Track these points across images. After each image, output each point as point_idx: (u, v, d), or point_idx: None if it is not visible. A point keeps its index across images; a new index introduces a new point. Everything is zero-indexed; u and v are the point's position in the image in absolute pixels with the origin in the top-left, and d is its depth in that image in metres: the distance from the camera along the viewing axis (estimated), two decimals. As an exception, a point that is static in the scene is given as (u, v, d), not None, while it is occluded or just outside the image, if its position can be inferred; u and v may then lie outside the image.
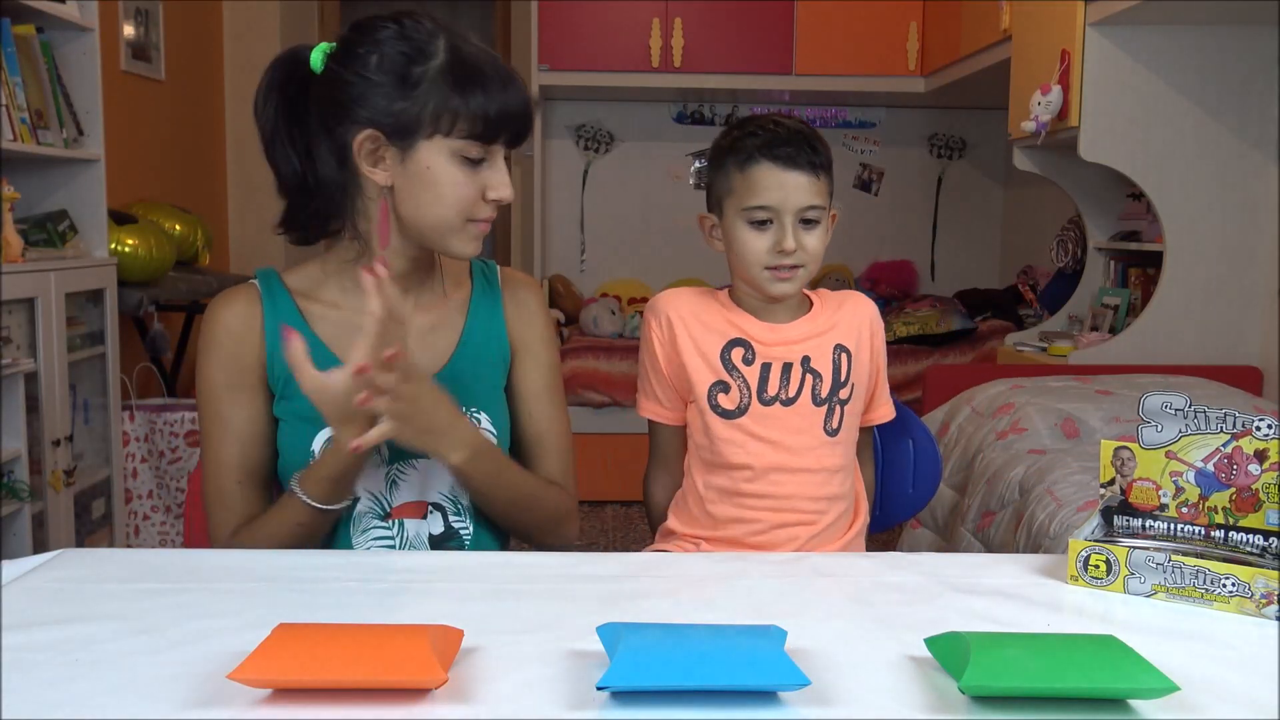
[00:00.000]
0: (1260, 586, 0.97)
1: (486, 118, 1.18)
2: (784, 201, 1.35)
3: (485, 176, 1.21)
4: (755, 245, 1.37)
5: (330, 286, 1.30)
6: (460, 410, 1.25)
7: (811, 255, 1.37)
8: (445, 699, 0.79)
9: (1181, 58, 2.94)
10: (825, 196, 1.37)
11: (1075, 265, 3.71)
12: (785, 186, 1.35)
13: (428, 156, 1.19)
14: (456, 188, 1.20)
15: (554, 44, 4.44)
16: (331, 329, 1.28)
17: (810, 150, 1.36)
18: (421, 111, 1.17)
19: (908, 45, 4.47)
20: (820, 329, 1.42)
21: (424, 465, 1.28)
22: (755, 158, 1.37)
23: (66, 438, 2.67)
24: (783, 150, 1.35)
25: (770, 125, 1.38)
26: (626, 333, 4.46)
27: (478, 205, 1.22)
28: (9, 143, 2.53)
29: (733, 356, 1.41)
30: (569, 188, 5.08)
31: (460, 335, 1.33)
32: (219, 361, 1.26)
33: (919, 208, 5.18)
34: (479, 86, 1.18)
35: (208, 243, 3.71)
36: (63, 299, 2.66)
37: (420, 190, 1.21)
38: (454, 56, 1.18)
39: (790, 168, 1.35)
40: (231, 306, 1.27)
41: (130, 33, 3.67)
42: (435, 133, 1.18)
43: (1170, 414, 1.06)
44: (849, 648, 0.90)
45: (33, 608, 0.96)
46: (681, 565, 1.17)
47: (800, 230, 1.36)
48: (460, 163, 1.19)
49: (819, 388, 1.40)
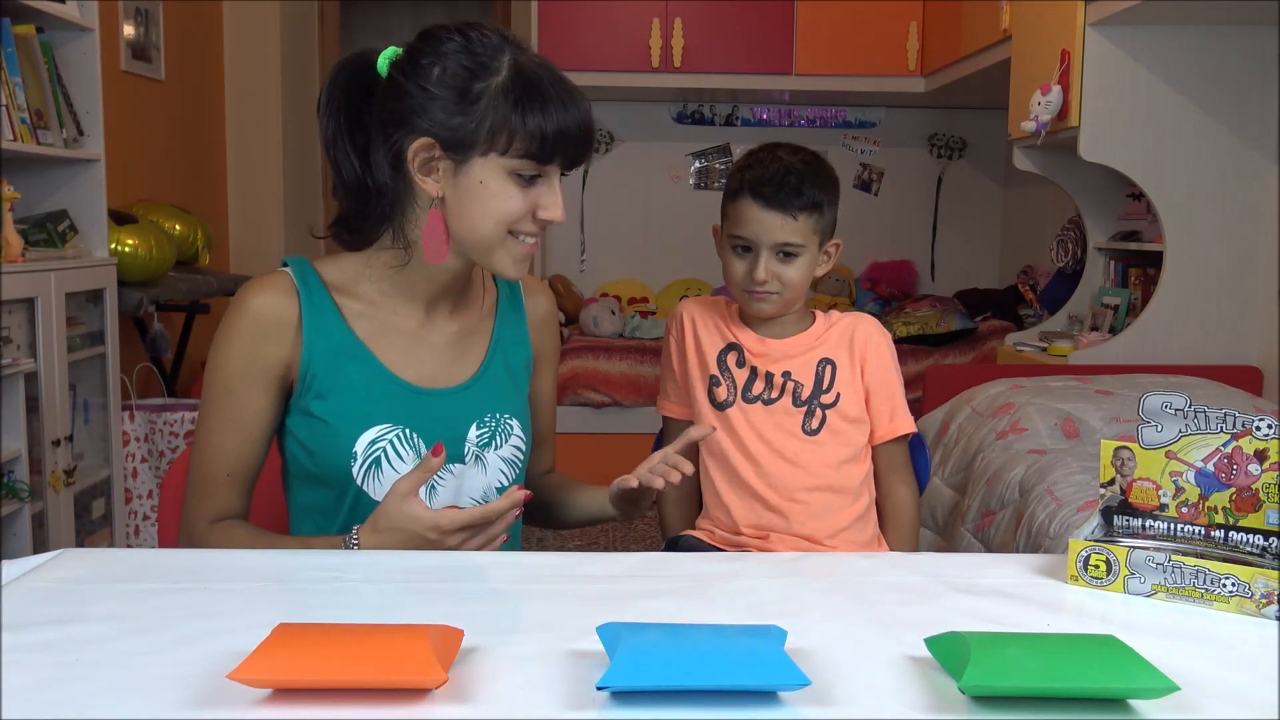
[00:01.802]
0: (1260, 586, 0.97)
1: (544, 138, 1.17)
2: (760, 235, 1.46)
3: (537, 195, 1.21)
4: (735, 269, 1.50)
5: (368, 286, 1.29)
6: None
7: (787, 284, 1.48)
8: (445, 699, 0.78)
9: (1181, 58, 2.93)
10: (807, 234, 1.46)
11: (1075, 265, 3.71)
12: (762, 223, 1.45)
13: (482, 172, 1.18)
14: (507, 203, 1.19)
15: (554, 44, 4.43)
16: (368, 327, 1.27)
17: (795, 193, 1.44)
18: (479, 128, 1.17)
19: (908, 45, 4.47)
20: (807, 347, 1.53)
21: (459, 470, 1.29)
22: (742, 192, 1.47)
23: (66, 438, 2.67)
24: (766, 190, 1.44)
25: (768, 161, 1.47)
26: (626, 333, 4.46)
27: (524, 222, 1.21)
28: (9, 143, 2.53)
29: (727, 359, 1.56)
30: (569, 188, 5.07)
31: (489, 342, 1.35)
32: (240, 350, 1.23)
33: (919, 208, 5.18)
34: (538, 106, 1.16)
35: (208, 243, 3.71)
36: (63, 299, 2.66)
37: (470, 204, 1.20)
38: (516, 74, 1.17)
39: (770, 207, 1.45)
40: (264, 296, 1.24)
41: (130, 33, 3.67)
42: (491, 150, 1.17)
43: (1170, 414, 1.06)
44: (849, 648, 0.89)
45: (33, 608, 0.96)
46: (681, 565, 1.17)
47: (776, 261, 1.46)
48: (514, 180, 1.19)
49: (800, 391, 1.52)
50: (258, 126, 4.49)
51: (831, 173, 1.51)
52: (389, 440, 1.25)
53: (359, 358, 1.26)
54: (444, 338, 1.32)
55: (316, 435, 1.25)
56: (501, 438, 1.32)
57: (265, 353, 1.24)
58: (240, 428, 1.25)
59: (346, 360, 1.25)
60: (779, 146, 1.51)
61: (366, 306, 1.28)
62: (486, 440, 1.31)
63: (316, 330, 1.24)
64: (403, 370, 1.27)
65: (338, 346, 1.25)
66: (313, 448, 1.26)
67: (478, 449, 1.30)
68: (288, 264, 1.28)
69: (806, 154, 1.49)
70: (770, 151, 1.50)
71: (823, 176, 1.48)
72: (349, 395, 1.25)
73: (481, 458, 1.31)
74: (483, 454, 1.31)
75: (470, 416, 1.30)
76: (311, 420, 1.25)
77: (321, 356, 1.25)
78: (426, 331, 1.30)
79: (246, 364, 1.24)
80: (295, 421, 1.27)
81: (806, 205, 1.45)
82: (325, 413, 1.24)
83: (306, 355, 1.24)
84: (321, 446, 1.25)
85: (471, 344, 1.33)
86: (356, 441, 1.24)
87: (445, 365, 1.31)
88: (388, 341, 1.28)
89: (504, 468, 1.33)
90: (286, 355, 1.24)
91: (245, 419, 1.25)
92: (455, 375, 1.31)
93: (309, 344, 1.24)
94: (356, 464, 1.24)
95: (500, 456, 1.32)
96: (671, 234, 5.04)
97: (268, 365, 1.24)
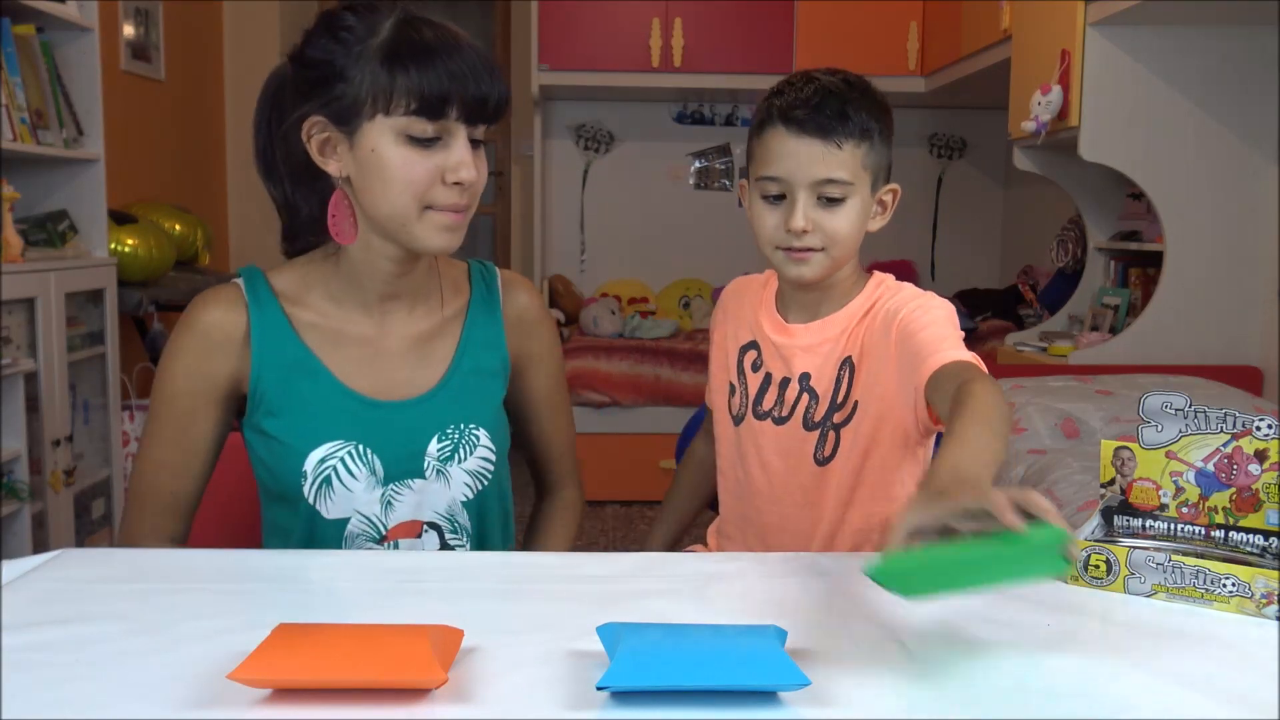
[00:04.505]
0: (1260, 586, 0.97)
1: (425, 89, 1.09)
2: (794, 173, 1.19)
3: (441, 158, 1.12)
4: (765, 221, 1.23)
5: (318, 293, 1.23)
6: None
7: (832, 237, 1.20)
8: (445, 699, 0.78)
9: (1181, 58, 2.93)
10: (855, 169, 1.19)
11: (1075, 265, 3.70)
12: (797, 155, 1.19)
13: (372, 139, 1.11)
14: (405, 169, 1.11)
15: (554, 44, 4.43)
16: (319, 337, 1.22)
17: (837, 116, 1.18)
18: (359, 91, 1.10)
19: (908, 45, 4.47)
20: (834, 333, 1.29)
21: (419, 485, 1.23)
22: (771, 120, 1.21)
23: (66, 438, 2.67)
24: (799, 113, 1.18)
25: (802, 84, 1.21)
26: (626, 333, 4.46)
27: (435, 190, 1.12)
28: (9, 143, 2.53)
29: (745, 360, 1.36)
30: (569, 188, 5.07)
31: (457, 346, 1.27)
32: (187, 367, 1.20)
33: (919, 208, 5.17)
34: (418, 57, 1.09)
35: (208, 243, 3.71)
36: (63, 299, 2.66)
37: (369, 177, 1.12)
38: (397, 34, 1.11)
39: (804, 134, 1.18)
40: (211, 311, 1.20)
41: (130, 33, 3.67)
42: (376, 112, 1.10)
43: (1170, 414, 1.06)
44: (849, 648, 0.89)
45: (33, 608, 0.96)
46: (681, 565, 1.17)
47: (817, 208, 1.20)
48: (408, 143, 1.11)
49: (813, 411, 1.31)
50: (258, 126, 4.49)
51: (882, 99, 1.24)
52: (340, 458, 1.19)
53: (310, 371, 1.20)
54: (402, 343, 1.25)
55: (272, 453, 1.20)
56: (466, 449, 1.24)
57: (212, 369, 1.20)
58: (184, 446, 1.21)
59: (298, 375, 1.20)
60: (815, 70, 1.24)
61: (318, 315, 1.22)
62: (449, 454, 1.24)
63: (266, 344, 1.20)
64: (356, 382, 1.21)
65: (289, 361, 1.20)
66: (269, 465, 1.21)
67: (439, 463, 1.23)
68: (241, 275, 1.23)
69: (850, 75, 1.23)
70: (804, 75, 1.23)
71: (872, 99, 1.22)
72: (300, 412, 1.20)
73: (444, 472, 1.24)
74: (445, 468, 1.24)
75: (430, 429, 1.23)
76: (265, 438, 1.21)
77: (271, 372, 1.20)
78: (382, 338, 1.24)
79: (193, 381, 1.20)
80: (251, 438, 1.22)
81: (854, 132, 1.18)
82: (277, 430, 1.20)
83: (256, 371, 1.20)
84: (277, 464, 1.20)
85: (434, 349, 1.26)
86: (306, 460, 1.19)
87: (404, 374, 1.24)
88: (341, 352, 1.22)
89: (469, 480, 1.25)
90: (234, 370, 1.20)
91: (190, 437, 1.21)
92: (416, 384, 1.24)
93: (258, 359, 1.20)
94: (307, 483, 1.19)
95: (465, 469, 1.25)
96: (671, 234, 5.04)
97: (215, 383, 1.20)
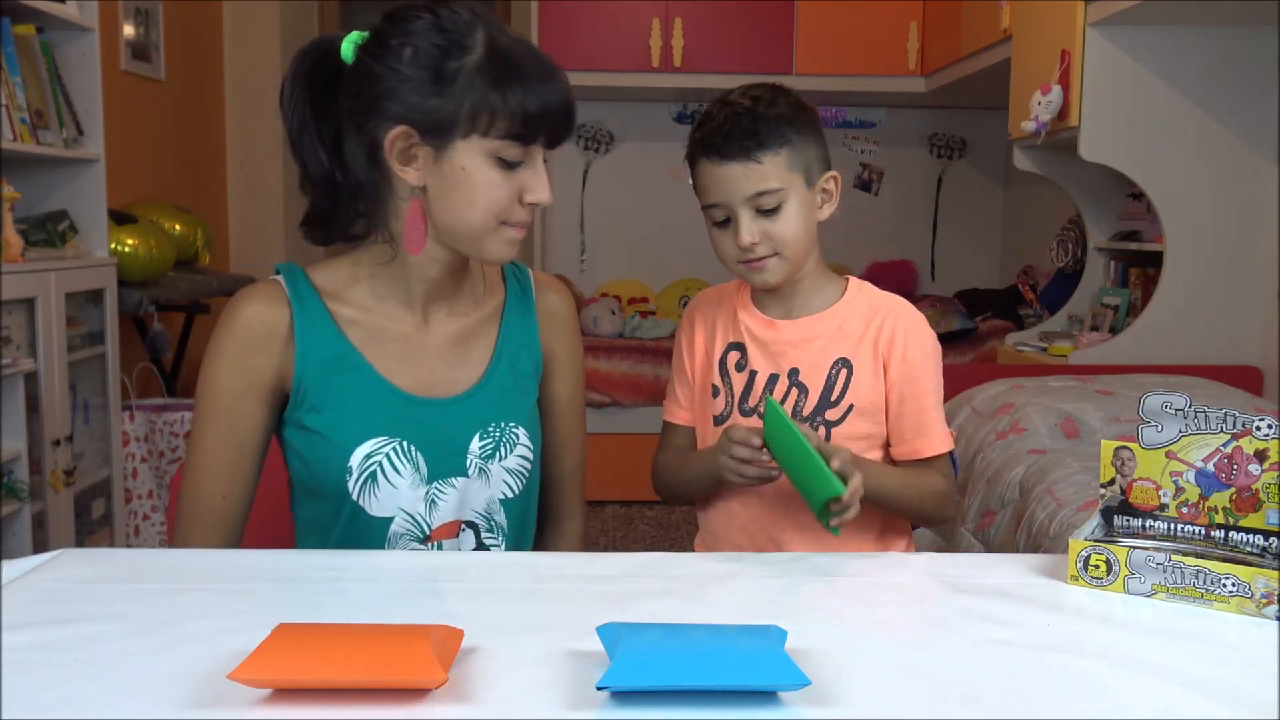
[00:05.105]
0: (1260, 586, 0.97)
1: (525, 116, 1.12)
2: (728, 196, 1.28)
3: (522, 178, 1.15)
4: (721, 244, 1.32)
5: (361, 289, 1.24)
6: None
7: (780, 241, 1.29)
8: (445, 699, 0.78)
9: (1181, 58, 2.93)
10: (781, 175, 1.27)
11: (1075, 265, 3.71)
12: (725, 181, 1.27)
13: (464, 157, 1.13)
14: (492, 190, 1.14)
15: (554, 44, 4.43)
16: (362, 333, 1.22)
17: (749, 134, 1.26)
18: (458, 109, 1.11)
19: (908, 45, 4.47)
20: (828, 330, 1.34)
21: (462, 484, 1.24)
22: (696, 155, 1.31)
23: (66, 438, 2.67)
24: (716, 140, 1.27)
25: (717, 112, 1.30)
26: (626, 333, 4.46)
27: (513, 208, 1.16)
28: (9, 143, 2.53)
29: (728, 361, 1.39)
30: (569, 188, 5.07)
31: (495, 345, 1.28)
32: (232, 365, 1.19)
33: (919, 208, 5.18)
34: (518, 83, 1.11)
35: (208, 243, 3.71)
36: (63, 299, 2.66)
37: (454, 192, 1.15)
38: (492, 50, 1.12)
39: (726, 159, 1.27)
40: (253, 306, 1.20)
41: (130, 33, 3.67)
42: (472, 132, 1.12)
43: (1170, 414, 1.06)
44: (849, 648, 0.89)
45: (33, 608, 0.96)
46: (681, 565, 1.17)
47: (759, 219, 1.28)
48: (497, 164, 1.14)
49: (802, 405, 1.33)
50: (258, 126, 4.49)
51: (795, 100, 1.31)
52: (385, 454, 1.20)
53: (353, 367, 1.21)
54: (443, 341, 1.26)
55: (313, 448, 1.20)
56: (506, 448, 1.26)
57: (257, 365, 1.19)
58: (233, 445, 1.20)
59: (340, 370, 1.21)
60: (730, 92, 1.31)
61: (360, 312, 1.23)
62: (490, 451, 1.25)
63: (309, 340, 1.20)
64: (399, 379, 1.22)
65: (331, 356, 1.20)
66: (309, 460, 1.21)
67: (481, 461, 1.24)
68: (280, 271, 1.23)
69: (760, 88, 1.30)
70: (720, 102, 1.31)
71: (781, 106, 1.28)
72: (343, 407, 1.20)
73: (485, 470, 1.25)
74: (486, 466, 1.25)
75: (473, 427, 1.24)
76: (307, 434, 1.21)
77: (314, 368, 1.20)
78: (424, 335, 1.25)
79: (238, 378, 1.19)
80: (292, 434, 1.22)
81: (768, 144, 1.26)
82: (320, 426, 1.20)
83: (299, 366, 1.20)
84: (317, 460, 1.20)
85: (474, 347, 1.27)
86: (351, 455, 1.19)
87: (445, 371, 1.25)
88: (383, 348, 1.23)
89: (509, 479, 1.27)
90: (279, 366, 1.20)
91: (240, 435, 1.20)
92: (457, 382, 1.25)
93: (301, 355, 1.20)
94: (352, 478, 1.19)
95: (505, 467, 1.26)
96: (671, 234, 5.03)
97: (260, 378, 1.20)
